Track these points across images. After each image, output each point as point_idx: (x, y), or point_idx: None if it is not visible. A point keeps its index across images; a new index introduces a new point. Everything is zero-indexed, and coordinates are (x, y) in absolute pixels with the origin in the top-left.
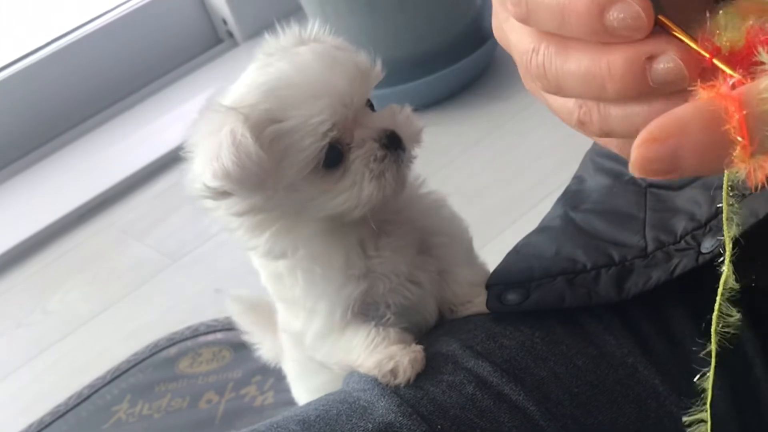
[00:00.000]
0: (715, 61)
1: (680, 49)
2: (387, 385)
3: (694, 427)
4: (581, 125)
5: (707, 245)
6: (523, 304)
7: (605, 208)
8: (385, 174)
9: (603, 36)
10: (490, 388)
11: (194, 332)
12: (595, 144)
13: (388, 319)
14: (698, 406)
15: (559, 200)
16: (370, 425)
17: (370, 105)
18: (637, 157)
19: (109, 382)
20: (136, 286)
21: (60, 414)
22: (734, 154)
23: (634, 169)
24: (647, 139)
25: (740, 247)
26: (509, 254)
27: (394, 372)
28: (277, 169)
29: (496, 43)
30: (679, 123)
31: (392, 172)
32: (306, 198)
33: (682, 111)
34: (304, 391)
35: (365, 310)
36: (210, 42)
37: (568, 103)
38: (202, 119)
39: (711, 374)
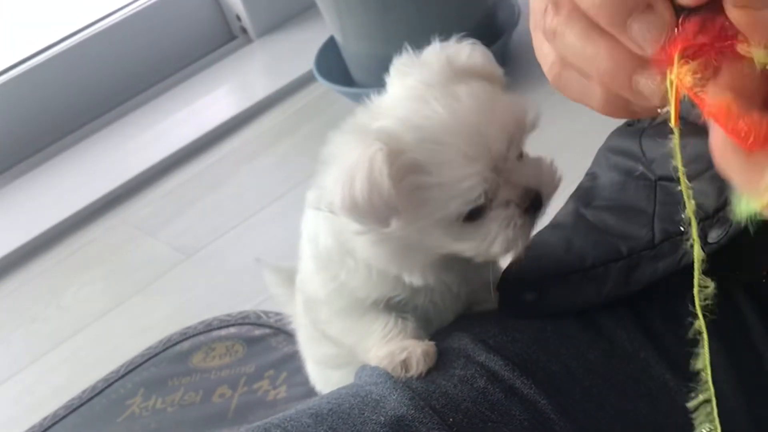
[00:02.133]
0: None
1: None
2: (399, 379)
3: (701, 410)
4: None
5: (714, 235)
6: (539, 306)
7: (616, 204)
8: (518, 240)
9: None
10: (502, 381)
11: (207, 327)
12: (608, 140)
13: (408, 315)
14: (698, 388)
15: (571, 197)
16: (382, 418)
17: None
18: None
19: (123, 376)
20: (150, 282)
21: (74, 407)
22: None
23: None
24: None
25: (751, 239)
26: None
27: (406, 364)
28: (412, 212)
29: (509, 39)
30: None
31: (524, 237)
32: (433, 240)
33: None
34: (309, 358)
35: (392, 304)
36: (224, 38)
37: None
38: (349, 134)
39: (705, 350)
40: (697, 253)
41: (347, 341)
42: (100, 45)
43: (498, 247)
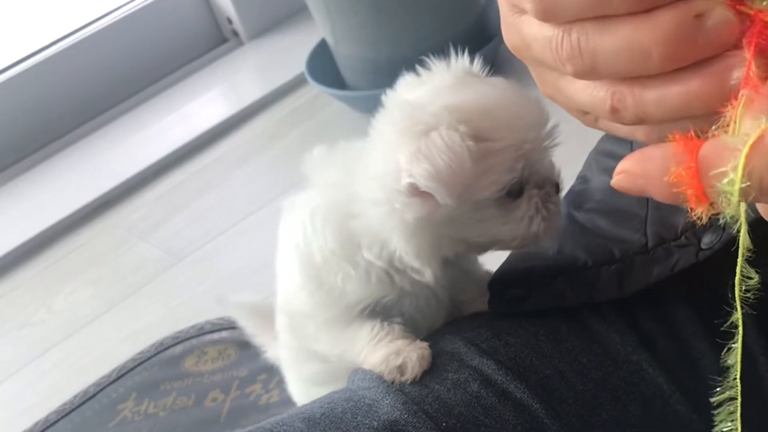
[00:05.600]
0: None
1: (726, 5)
2: (392, 383)
3: (724, 407)
4: (614, 113)
5: (707, 241)
6: (524, 303)
7: (608, 207)
8: (551, 220)
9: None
10: (495, 386)
11: (200, 330)
12: (598, 144)
13: (395, 320)
14: (723, 384)
15: (562, 200)
16: (376, 423)
17: None
18: (616, 181)
19: (115, 380)
20: (141, 285)
21: (65, 413)
22: (687, 197)
23: (615, 186)
24: (621, 171)
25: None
26: (512, 253)
27: (401, 368)
28: (477, 182)
29: (500, 41)
30: (645, 166)
31: (555, 221)
32: (483, 218)
33: (650, 152)
34: (296, 380)
35: (378, 309)
36: (215, 41)
37: (599, 92)
38: (404, 115)
39: (739, 345)
40: (743, 240)
41: (336, 351)
42: (91, 48)
43: (536, 224)
